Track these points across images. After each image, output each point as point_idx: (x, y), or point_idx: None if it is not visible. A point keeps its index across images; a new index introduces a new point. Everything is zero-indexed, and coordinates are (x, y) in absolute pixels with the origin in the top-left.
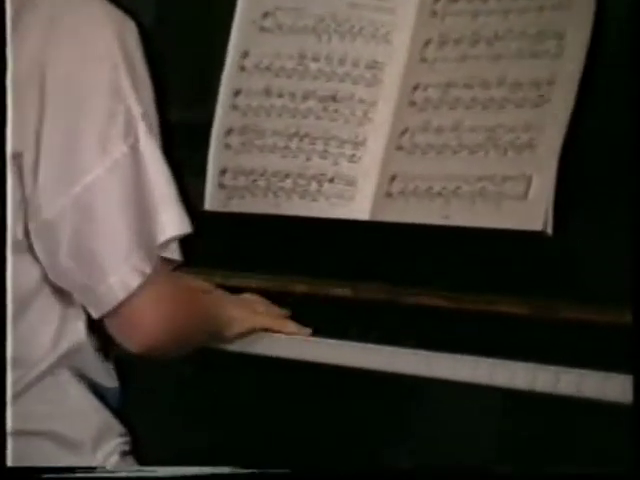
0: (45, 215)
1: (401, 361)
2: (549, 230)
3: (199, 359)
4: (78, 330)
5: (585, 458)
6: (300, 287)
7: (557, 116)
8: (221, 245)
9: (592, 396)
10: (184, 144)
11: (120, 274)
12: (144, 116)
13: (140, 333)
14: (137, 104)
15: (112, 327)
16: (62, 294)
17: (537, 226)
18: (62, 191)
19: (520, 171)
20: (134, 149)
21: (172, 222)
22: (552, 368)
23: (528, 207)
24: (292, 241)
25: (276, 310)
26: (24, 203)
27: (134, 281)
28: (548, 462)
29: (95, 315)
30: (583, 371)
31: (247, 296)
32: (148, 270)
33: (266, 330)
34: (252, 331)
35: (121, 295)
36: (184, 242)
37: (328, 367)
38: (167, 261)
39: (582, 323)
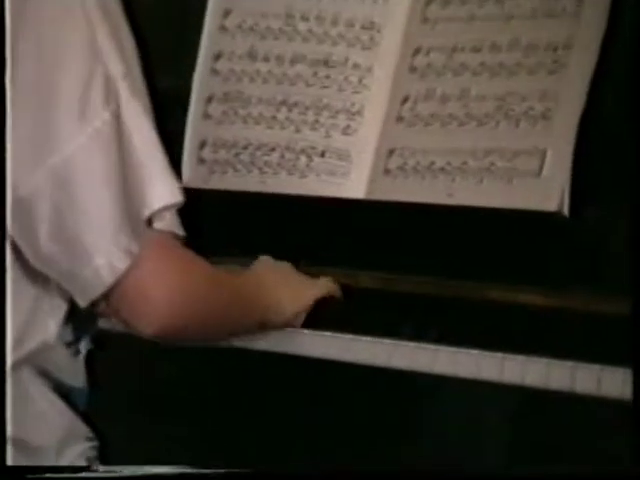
0: (19, 192)
1: (400, 355)
2: (565, 211)
3: (174, 357)
4: (47, 329)
5: (585, 455)
6: None
7: (575, 84)
8: (200, 226)
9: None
10: (158, 113)
11: (107, 256)
12: (125, 76)
13: (148, 314)
14: (117, 62)
15: (119, 311)
16: (30, 286)
17: (552, 206)
18: (37, 164)
19: (533, 145)
20: (116, 115)
21: (160, 193)
22: (568, 363)
23: (542, 185)
24: (279, 222)
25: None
26: None
27: (122, 263)
28: (547, 460)
29: (82, 303)
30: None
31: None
32: (137, 249)
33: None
34: (308, 308)
35: (109, 280)
36: None
37: (318, 361)
38: (167, 234)
39: (600, 315)
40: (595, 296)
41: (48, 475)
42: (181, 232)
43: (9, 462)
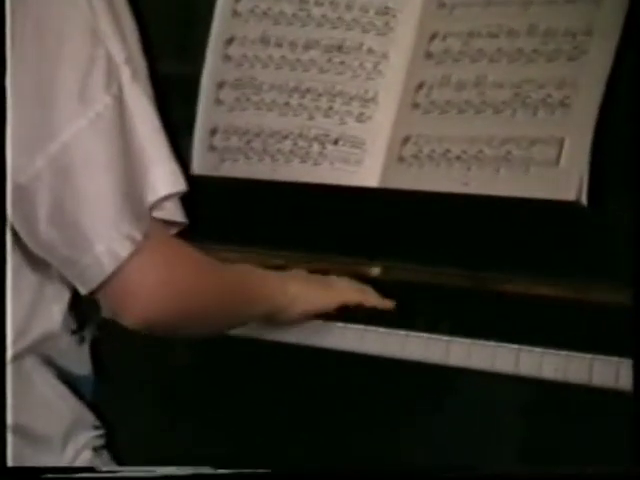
0: (19, 179)
1: (414, 347)
2: (584, 200)
3: (183, 344)
4: (52, 316)
5: (600, 449)
6: (299, 263)
7: (595, 71)
8: (210, 215)
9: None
10: (168, 100)
11: (108, 242)
12: (127, 60)
13: (133, 304)
14: (119, 47)
15: (102, 299)
16: (32, 274)
17: (570, 196)
18: (37, 150)
19: (551, 133)
20: (118, 99)
21: (163, 180)
22: (587, 356)
23: (560, 174)
24: (291, 210)
25: (354, 284)
26: None
27: (124, 250)
28: (563, 454)
29: (83, 291)
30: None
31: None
32: (139, 236)
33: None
34: (323, 310)
35: (110, 267)
36: None
37: (330, 351)
38: (166, 223)
39: (619, 307)
40: (615, 288)
41: (49, 475)
42: (182, 219)
43: (12, 453)
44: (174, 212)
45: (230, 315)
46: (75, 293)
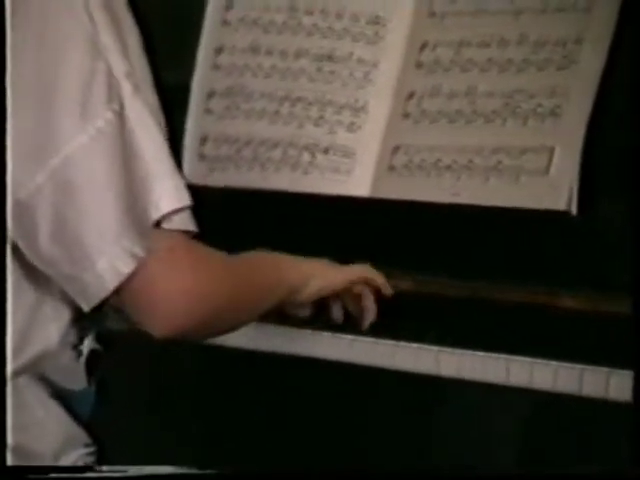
0: (19, 194)
1: (403, 356)
2: (573, 210)
3: (177, 361)
4: (49, 335)
5: (592, 460)
6: None
7: (585, 80)
8: (200, 223)
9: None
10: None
11: (110, 259)
12: (129, 74)
13: (162, 314)
14: (120, 61)
15: (132, 313)
16: (32, 290)
17: (560, 205)
18: (37, 165)
19: (541, 142)
20: (119, 114)
21: (167, 195)
22: (577, 367)
23: (550, 183)
24: (281, 219)
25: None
26: None
27: (126, 267)
28: (554, 464)
29: (85, 307)
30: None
31: None
32: (142, 253)
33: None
34: (337, 286)
35: (112, 284)
36: None
37: (320, 361)
38: (177, 234)
39: (608, 316)
40: (604, 297)
41: (50, 475)
42: (193, 228)
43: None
44: (183, 222)
45: (253, 307)
46: (76, 309)
